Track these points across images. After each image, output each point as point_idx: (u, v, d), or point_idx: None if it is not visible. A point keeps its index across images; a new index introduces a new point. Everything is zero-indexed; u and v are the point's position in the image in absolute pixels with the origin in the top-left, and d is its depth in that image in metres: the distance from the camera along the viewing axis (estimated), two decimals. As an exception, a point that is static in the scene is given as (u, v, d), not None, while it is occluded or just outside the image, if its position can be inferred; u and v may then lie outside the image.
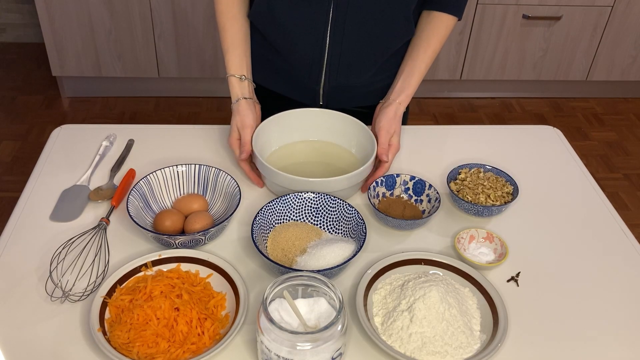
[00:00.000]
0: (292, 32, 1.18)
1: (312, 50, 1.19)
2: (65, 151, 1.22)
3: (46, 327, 0.87)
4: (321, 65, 1.21)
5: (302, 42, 1.19)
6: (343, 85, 1.25)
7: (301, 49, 1.20)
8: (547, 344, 0.89)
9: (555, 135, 1.35)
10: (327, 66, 1.21)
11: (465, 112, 3.07)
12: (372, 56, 1.21)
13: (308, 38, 1.18)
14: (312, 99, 1.28)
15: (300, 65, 1.22)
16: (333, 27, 1.15)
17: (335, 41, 1.17)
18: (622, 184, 2.65)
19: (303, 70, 1.23)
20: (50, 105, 2.95)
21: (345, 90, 1.26)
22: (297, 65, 1.23)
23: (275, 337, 0.76)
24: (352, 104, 1.29)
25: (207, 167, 1.10)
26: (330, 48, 1.18)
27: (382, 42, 1.20)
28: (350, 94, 1.28)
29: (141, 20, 2.70)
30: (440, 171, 1.22)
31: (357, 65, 1.22)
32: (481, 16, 2.80)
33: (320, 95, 1.27)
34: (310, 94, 1.27)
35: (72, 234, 1.02)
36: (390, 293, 0.93)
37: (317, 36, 1.17)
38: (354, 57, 1.20)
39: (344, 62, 1.21)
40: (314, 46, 1.18)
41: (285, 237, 1.01)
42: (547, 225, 1.10)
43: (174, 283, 0.90)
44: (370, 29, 1.16)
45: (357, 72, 1.23)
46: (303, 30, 1.17)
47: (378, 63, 1.23)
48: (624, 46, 2.96)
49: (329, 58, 1.20)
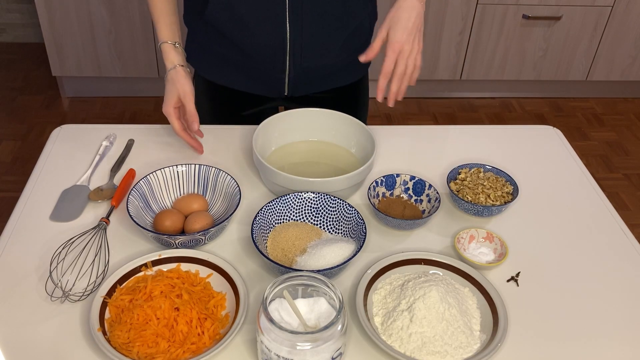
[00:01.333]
0: (251, 23, 1.17)
1: (273, 38, 1.19)
2: (65, 151, 1.22)
3: (46, 327, 0.87)
4: (284, 51, 1.20)
5: (262, 32, 1.18)
6: (307, 68, 1.24)
7: (263, 39, 1.19)
8: (547, 343, 0.89)
9: (555, 135, 1.35)
10: (290, 52, 1.21)
11: (465, 112, 3.07)
12: (334, 35, 1.21)
13: (268, 26, 1.17)
14: (277, 90, 1.28)
15: (264, 56, 1.22)
16: (291, 11, 1.15)
17: (296, 25, 1.17)
18: (622, 184, 2.65)
19: (266, 60, 1.23)
20: (50, 105, 2.95)
21: (310, 74, 1.26)
22: (260, 56, 1.22)
23: (275, 337, 0.76)
24: (318, 88, 1.30)
25: (207, 167, 1.10)
26: (292, 33, 1.18)
27: (343, 19, 1.20)
28: (316, 77, 1.28)
29: (141, 20, 2.70)
30: (440, 171, 1.22)
31: (320, 46, 1.22)
32: (481, 16, 2.80)
33: (285, 84, 1.27)
34: (275, 84, 1.27)
35: (72, 234, 1.02)
36: (390, 293, 0.93)
37: (277, 23, 1.16)
38: (316, 38, 1.20)
39: (307, 45, 1.20)
40: (275, 34, 1.18)
41: (285, 237, 1.01)
42: (547, 225, 1.10)
43: (174, 283, 0.90)
44: (329, 7, 1.17)
45: (321, 53, 1.23)
46: (262, 19, 1.16)
47: (340, 41, 1.23)
48: (624, 46, 2.96)
49: (292, 43, 1.19)
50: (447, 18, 2.80)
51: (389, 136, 1.30)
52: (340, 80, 1.32)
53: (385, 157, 1.24)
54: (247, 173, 1.19)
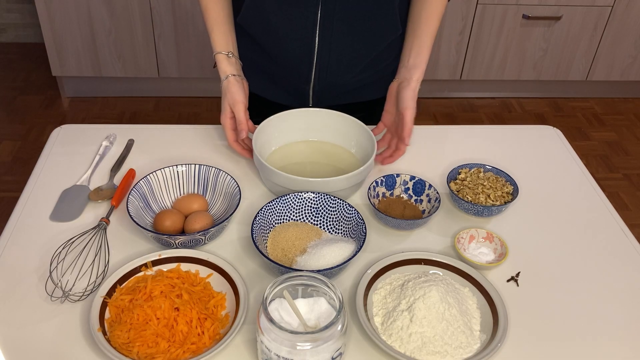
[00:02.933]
0: (282, 32, 1.18)
1: (301, 50, 1.19)
2: (65, 151, 1.22)
3: (46, 327, 0.87)
4: (311, 64, 1.21)
5: (291, 42, 1.19)
6: (332, 83, 1.25)
7: (291, 48, 1.20)
8: (547, 343, 0.89)
9: (555, 135, 1.35)
10: (316, 65, 1.21)
11: (465, 112, 3.07)
12: (361, 53, 1.22)
13: (297, 37, 1.18)
14: (302, 100, 1.29)
15: (290, 65, 1.23)
16: (322, 25, 1.16)
17: (325, 40, 1.17)
18: (622, 184, 2.65)
19: (293, 70, 1.23)
20: (50, 105, 2.95)
21: (335, 88, 1.27)
22: (287, 65, 1.23)
23: (275, 337, 0.76)
24: (342, 101, 1.30)
25: (207, 167, 1.10)
26: (320, 47, 1.18)
27: (370, 38, 1.20)
28: (340, 92, 1.28)
29: (141, 20, 2.71)
30: (440, 171, 1.22)
31: (347, 63, 1.22)
32: (481, 16, 2.80)
33: (309, 96, 1.28)
34: (299, 95, 1.28)
35: (72, 234, 1.02)
36: (390, 293, 0.93)
37: (306, 35, 1.17)
38: (343, 54, 1.21)
39: (334, 60, 1.21)
40: (303, 45, 1.19)
41: (285, 237, 1.01)
42: (547, 225, 1.10)
43: (174, 283, 0.90)
44: (358, 26, 1.17)
45: (347, 70, 1.24)
46: (292, 30, 1.17)
47: (366, 60, 1.24)
48: (624, 46, 2.96)
49: (319, 56, 1.20)
50: (447, 18, 2.80)
51: (389, 136, 1.30)
52: (364, 96, 1.31)
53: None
54: (247, 173, 1.19)
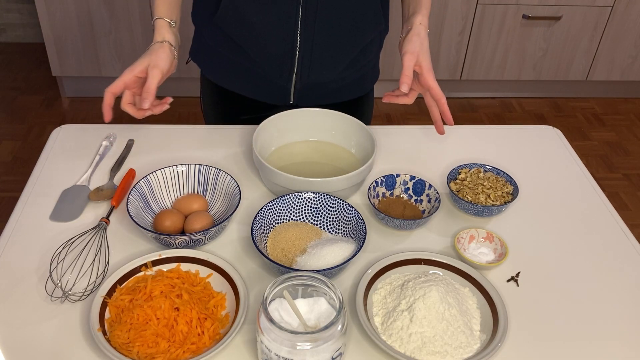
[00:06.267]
0: (262, 31, 1.16)
1: (283, 48, 1.18)
2: (65, 151, 1.22)
3: (46, 327, 0.87)
4: (293, 62, 1.20)
5: (272, 40, 1.17)
6: (315, 81, 1.24)
7: (271, 47, 1.18)
8: (547, 343, 0.89)
9: (555, 135, 1.35)
10: (298, 63, 1.20)
11: (465, 112, 3.07)
12: (344, 50, 1.21)
13: (278, 35, 1.16)
14: (283, 98, 1.27)
15: (271, 64, 1.21)
16: (303, 23, 1.14)
17: (307, 37, 1.16)
18: (622, 184, 2.65)
19: (274, 69, 1.21)
20: (50, 105, 2.95)
21: (317, 86, 1.25)
22: (268, 64, 1.21)
23: (275, 337, 0.76)
24: (323, 101, 1.28)
25: (207, 167, 1.10)
26: (302, 44, 1.17)
27: (353, 35, 1.19)
28: (322, 90, 1.27)
29: (141, 20, 2.70)
30: (440, 171, 1.22)
31: (329, 60, 1.21)
32: (481, 16, 2.80)
33: (291, 94, 1.26)
34: (281, 93, 1.26)
35: (72, 234, 1.02)
36: (390, 293, 0.93)
37: (288, 33, 1.15)
38: (326, 52, 1.20)
39: (316, 58, 1.20)
40: (284, 43, 1.17)
41: (285, 237, 1.01)
42: (547, 225, 1.10)
43: (174, 283, 0.90)
44: (341, 22, 1.16)
45: (329, 67, 1.23)
46: (273, 28, 1.15)
47: (349, 57, 1.23)
48: (624, 46, 2.96)
49: (301, 54, 1.18)
50: (447, 18, 2.80)
51: (389, 136, 1.30)
52: (346, 95, 1.30)
53: (385, 157, 1.24)
54: (247, 173, 1.19)
